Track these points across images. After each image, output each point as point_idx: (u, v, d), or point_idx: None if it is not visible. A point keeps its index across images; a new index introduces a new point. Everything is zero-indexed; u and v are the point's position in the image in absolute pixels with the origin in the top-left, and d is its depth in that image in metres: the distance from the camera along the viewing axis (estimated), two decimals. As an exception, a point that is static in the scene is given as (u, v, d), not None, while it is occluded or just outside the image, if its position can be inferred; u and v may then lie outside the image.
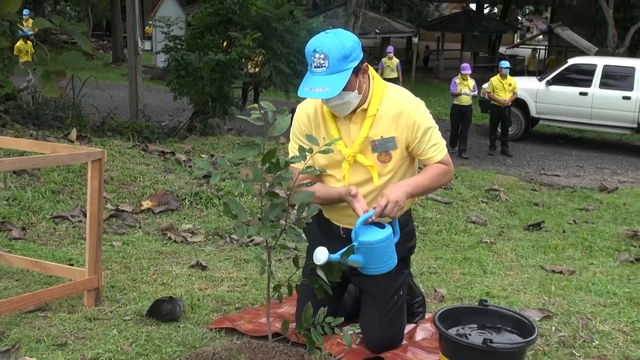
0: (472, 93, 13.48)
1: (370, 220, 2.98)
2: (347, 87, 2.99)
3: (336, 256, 2.89)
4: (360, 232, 2.96)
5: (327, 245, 2.84)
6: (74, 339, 3.27)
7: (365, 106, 3.14)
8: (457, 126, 13.62)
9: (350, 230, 3.16)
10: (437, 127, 3.21)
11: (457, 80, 13.50)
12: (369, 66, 3.20)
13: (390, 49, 18.78)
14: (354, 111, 3.15)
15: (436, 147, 3.16)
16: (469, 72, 13.49)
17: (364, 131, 3.12)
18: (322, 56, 2.95)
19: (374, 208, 2.97)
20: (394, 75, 17.32)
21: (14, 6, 8.39)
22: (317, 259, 2.83)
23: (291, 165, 2.71)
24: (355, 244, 2.95)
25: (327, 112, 3.20)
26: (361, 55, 3.06)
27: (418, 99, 3.25)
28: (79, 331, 3.37)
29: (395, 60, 18.15)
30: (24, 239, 5.14)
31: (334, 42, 2.97)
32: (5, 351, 2.96)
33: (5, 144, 4.18)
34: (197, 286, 4.25)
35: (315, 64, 2.97)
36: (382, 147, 3.12)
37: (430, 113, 3.24)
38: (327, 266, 2.80)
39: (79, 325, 3.46)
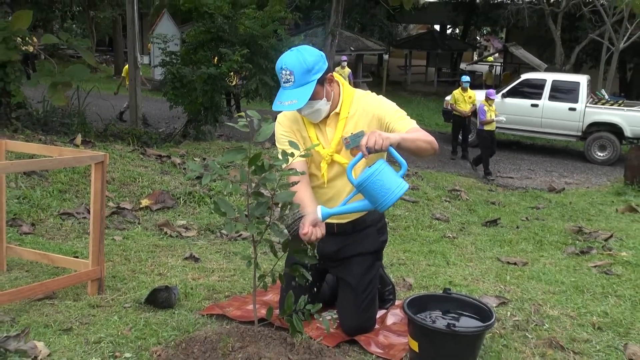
0: (502, 118, 12.76)
1: (364, 160, 2.86)
2: (315, 97, 2.98)
3: (337, 209, 2.89)
4: (357, 179, 2.83)
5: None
6: (79, 324, 3.24)
7: (337, 110, 3.14)
8: (490, 148, 12.47)
9: (332, 224, 3.16)
10: (399, 109, 3.12)
11: (485, 107, 12.26)
12: (339, 75, 3.20)
13: (344, 58, 17.94)
14: (328, 115, 3.14)
15: (404, 121, 3.05)
16: (495, 97, 12.63)
17: (338, 132, 3.12)
18: (287, 72, 2.93)
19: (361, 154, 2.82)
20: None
21: (25, 23, 8.31)
22: (318, 217, 2.83)
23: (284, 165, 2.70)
24: (355, 191, 2.87)
25: (307, 121, 3.19)
26: (325, 66, 3.02)
27: (381, 96, 3.21)
28: (83, 317, 3.34)
29: (347, 70, 17.54)
30: (33, 234, 5.09)
31: (297, 59, 2.94)
32: (15, 335, 2.92)
33: (16, 148, 4.13)
34: (190, 276, 4.23)
35: (283, 80, 2.96)
36: (354, 142, 3.07)
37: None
38: (303, 252, 2.77)
39: (83, 312, 3.42)
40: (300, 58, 2.95)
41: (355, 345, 3.18)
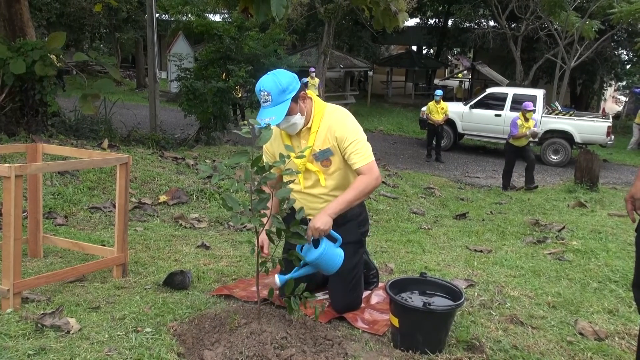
0: (534, 130, 10.15)
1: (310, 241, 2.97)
2: (290, 112, 2.97)
3: (291, 275, 2.95)
4: (307, 254, 2.95)
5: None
6: (106, 303, 3.23)
7: (309, 125, 3.11)
8: (512, 163, 10.60)
9: None
10: (363, 139, 3.09)
11: (518, 121, 10.17)
12: (312, 92, 3.17)
13: (312, 69, 17.21)
14: (302, 129, 3.12)
15: (358, 156, 3.05)
16: (533, 108, 10.26)
17: (309, 144, 3.10)
18: (265, 93, 2.92)
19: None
20: (316, 93, 15.72)
21: (59, 43, 8.28)
22: (276, 283, 2.93)
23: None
24: (303, 263, 2.96)
25: (284, 136, 3.18)
26: (298, 86, 3.00)
27: (347, 115, 3.15)
28: (110, 297, 3.33)
29: (317, 80, 16.94)
30: (66, 225, 5.07)
31: (273, 81, 2.93)
32: (51, 313, 2.91)
33: (52, 151, 4.11)
34: (202, 262, 4.22)
35: (263, 100, 2.94)
36: (322, 156, 3.08)
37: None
38: (297, 236, 2.79)
39: (110, 293, 3.41)
40: (275, 80, 2.93)
41: (344, 322, 3.18)
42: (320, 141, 3.10)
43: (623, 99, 31.72)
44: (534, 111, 10.25)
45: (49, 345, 2.62)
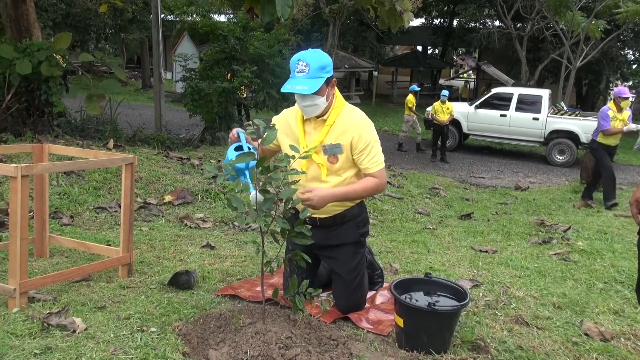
0: (633, 126, 8.10)
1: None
2: (319, 92, 2.96)
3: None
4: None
5: None
6: (111, 302, 3.24)
7: (325, 117, 3.11)
8: (609, 164, 8.15)
9: (314, 218, 3.16)
10: (378, 145, 3.13)
11: (609, 112, 7.96)
12: (335, 86, 3.15)
13: None
14: (317, 119, 3.11)
15: (373, 161, 3.08)
16: (630, 95, 8.06)
17: (320, 136, 3.08)
18: (304, 64, 2.94)
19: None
20: None
21: (65, 43, 8.30)
22: (252, 198, 2.74)
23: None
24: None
25: (299, 120, 3.16)
26: (332, 72, 3.04)
27: (367, 119, 3.15)
28: (115, 297, 3.34)
29: None
30: (72, 225, 5.09)
31: (314, 55, 2.98)
32: (57, 312, 2.92)
33: (58, 151, 4.13)
34: (207, 262, 4.23)
35: (298, 70, 2.96)
36: (331, 151, 3.07)
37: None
38: (300, 235, 2.75)
39: (115, 292, 3.42)
40: (317, 56, 2.98)
41: (349, 322, 3.18)
42: (334, 136, 3.07)
43: (629, 99, 31.55)
44: (628, 101, 8.06)
45: (55, 344, 2.63)
